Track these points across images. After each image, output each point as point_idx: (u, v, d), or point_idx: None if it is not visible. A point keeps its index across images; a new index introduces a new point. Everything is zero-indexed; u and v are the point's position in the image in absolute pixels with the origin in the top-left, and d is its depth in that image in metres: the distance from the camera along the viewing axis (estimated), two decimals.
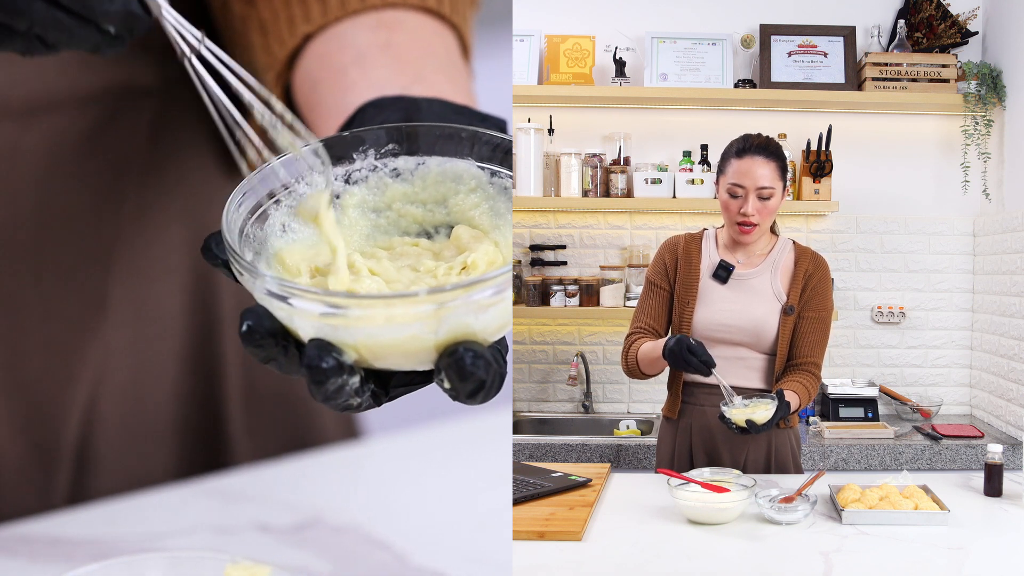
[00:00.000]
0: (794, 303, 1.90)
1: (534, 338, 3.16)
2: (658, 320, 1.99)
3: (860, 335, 3.13)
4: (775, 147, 1.92)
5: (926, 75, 2.95)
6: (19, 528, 1.25)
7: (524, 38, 3.06)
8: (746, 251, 1.95)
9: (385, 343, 0.71)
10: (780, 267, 1.94)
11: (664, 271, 1.99)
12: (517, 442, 2.67)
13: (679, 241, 2.00)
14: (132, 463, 1.33)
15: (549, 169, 3.06)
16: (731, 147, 1.93)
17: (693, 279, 1.95)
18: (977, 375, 3.07)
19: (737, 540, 1.48)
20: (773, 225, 1.98)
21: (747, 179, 1.87)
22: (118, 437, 1.33)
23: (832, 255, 3.10)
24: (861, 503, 1.56)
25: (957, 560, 1.38)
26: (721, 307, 1.92)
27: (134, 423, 1.32)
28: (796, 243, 1.98)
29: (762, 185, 1.86)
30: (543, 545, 1.45)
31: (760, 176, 1.86)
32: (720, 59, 3.05)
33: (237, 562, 1.06)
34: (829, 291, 1.95)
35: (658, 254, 2.03)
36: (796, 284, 1.91)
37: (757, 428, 1.74)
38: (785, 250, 1.96)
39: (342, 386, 0.71)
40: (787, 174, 1.92)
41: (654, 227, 3.11)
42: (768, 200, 1.87)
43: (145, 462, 1.34)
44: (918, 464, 2.61)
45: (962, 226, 3.10)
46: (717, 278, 1.94)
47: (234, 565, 1.06)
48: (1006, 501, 1.69)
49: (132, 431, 1.32)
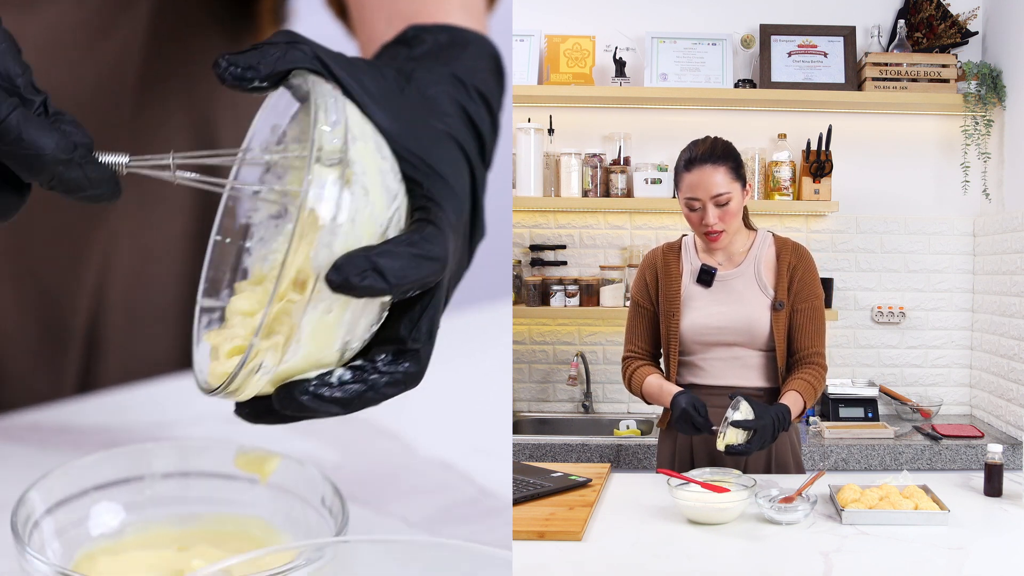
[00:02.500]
0: (783, 298, 1.91)
1: (534, 338, 3.16)
2: (649, 342, 2.02)
3: (860, 335, 3.13)
4: (722, 149, 1.90)
5: (926, 75, 2.95)
6: (28, 416, 1.24)
7: (524, 38, 3.06)
8: (725, 252, 1.95)
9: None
10: (763, 262, 1.94)
11: (646, 289, 2.01)
12: (517, 442, 2.67)
13: (657, 255, 2.01)
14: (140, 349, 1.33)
15: (549, 169, 3.06)
16: (680, 160, 1.93)
17: (675, 291, 1.95)
18: (977, 375, 3.07)
19: (737, 540, 1.48)
20: (748, 220, 1.98)
21: (700, 190, 1.87)
22: (126, 322, 1.32)
23: (832, 255, 3.11)
24: (861, 503, 1.56)
25: (957, 560, 1.38)
26: (710, 311, 1.93)
27: (141, 308, 1.32)
28: (775, 235, 1.98)
29: (716, 193, 1.86)
30: (543, 545, 1.45)
31: (712, 184, 1.86)
32: (720, 59, 3.05)
33: (246, 451, 1.05)
34: (816, 279, 1.95)
35: (639, 271, 2.04)
36: (781, 279, 1.92)
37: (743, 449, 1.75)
38: (765, 244, 1.96)
39: None
40: (742, 170, 1.90)
41: (654, 227, 3.11)
42: (727, 205, 1.87)
43: (153, 349, 1.34)
44: (918, 464, 2.61)
45: (962, 226, 3.10)
46: (702, 283, 1.94)
47: (243, 454, 1.05)
48: (1006, 501, 1.69)
49: (140, 316, 1.31)
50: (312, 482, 1.03)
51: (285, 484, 1.05)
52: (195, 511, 1.07)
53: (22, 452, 1.19)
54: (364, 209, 0.76)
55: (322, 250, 0.74)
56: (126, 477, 1.06)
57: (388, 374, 0.80)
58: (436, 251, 0.77)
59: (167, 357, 1.36)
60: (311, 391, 0.78)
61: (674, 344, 1.94)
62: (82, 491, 1.04)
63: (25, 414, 1.25)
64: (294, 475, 1.05)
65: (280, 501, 1.06)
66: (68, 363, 1.31)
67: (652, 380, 1.95)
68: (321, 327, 0.76)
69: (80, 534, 1.03)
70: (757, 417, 1.75)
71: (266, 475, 0.98)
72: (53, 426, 1.23)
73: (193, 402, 1.24)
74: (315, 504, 1.03)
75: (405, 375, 0.80)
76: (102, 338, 1.32)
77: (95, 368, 1.33)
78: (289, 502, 1.05)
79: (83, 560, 1.01)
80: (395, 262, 0.75)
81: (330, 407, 0.79)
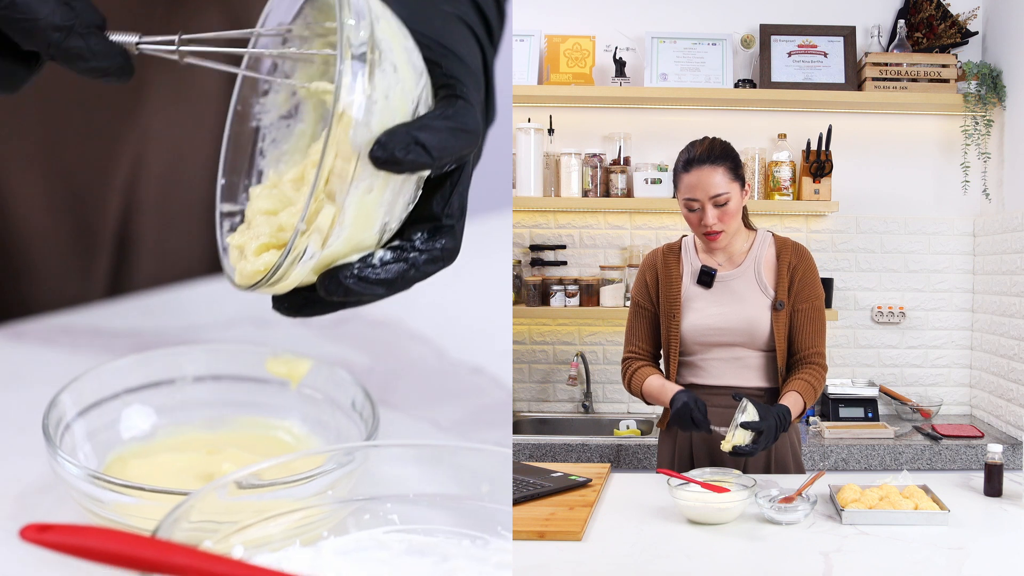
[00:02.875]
0: (783, 299, 1.91)
1: (534, 338, 3.16)
2: (649, 342, 2.01)
3: (860, 335, 3.13)
4: (720, 149, 1.90)
5: (926, 75, 2.95)
6: (60, 318, 1.24)
7: (524, 38, 3.06)
8: (725, 252, 1.95)
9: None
10: (763, 262, 1.94)
11: (646, 290, 2.00)
12: (517, 442, 2.67)
13: (657, 256, 2.01)
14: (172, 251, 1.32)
15: (549, 169, 3.06)
16: (678, 161, 1.92)
17: (675, 292, 1.95)
18: (977, 375, 3.07)
19: (737, 540, 1.48)
20: (748, 220, 1.98)
21: (699, 191, 1.87)
22: (157, 223, 1.31)
23: (832, 255, 3.11)
24: (861, 503, 1.56)
25: (957, 560, 1.38)
26: (710, 311, 1.92)
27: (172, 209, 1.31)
28: (775, 235, 1.98)
29: (715, 193, 1.86)
30: (543, 545, 1.44)
31: (711, 185, 1.86)
32: (720, 59, 3.05)
33: (277, 355, 1.05)
34: (816, 279, 1.95)
35: (639, 272, 2.04)
36: (782, 279, 1.91)
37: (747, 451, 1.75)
38: (765, 244, 1.96)
39: None
40: (741, 170, 1.90)
41: (654, 227, 3.11)
42: (726, 205, 1.87)
43: (185, 251, 1.33)
44: (918, 464, 2.61)
45: (962, 226, 3.10)
46: (702, 284, 1.94)
47: (274, 358, 1.05)
48: (1006, 501, 1.69)
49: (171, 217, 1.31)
50: (343, 386, 1.03)
51: (316, 388, 1.05)
52: (226, 415, 1.07)
53: (54, 355, 1.19)
54: (396, 86, 0.77)
55: (361, 129, 0.75)
56: (157, 380, 1.06)
57: (427, 251, 0.81)
58: (470, 123, 0.78)
59: (199, 259, 1.34)
60: (356, 274, 0.79)
61: (674, 345, 1.94)
62: (113, 394, 1.04)
63: (57, 316, 1.24)
64: (325, 379, 1.04)
65: (311, 405, 1.05)
66: (99, 264, 1.29)
67: (653, 380, 1.95)
68: (363, 208, 0.78)
69: (111, 437, 1.03)
70: (761, 418, 1.75)
71: (297, 379, 0.98)
72: (85, 329, 1.23)
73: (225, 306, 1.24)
74: (346, 408, 1.02)
75: (443, 251, 0.81)
76: (133, 239, 1.30)
77: (126, 270, 1.31)
78: (320, 406, 1.05)
79: (114, 463, 1.01)
80: (434, 136, 0.76)
81: (375, 289, 0.79)
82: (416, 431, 1.09)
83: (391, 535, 0.84)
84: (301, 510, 0.83)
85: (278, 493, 0.82)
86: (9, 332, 1.23)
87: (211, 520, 0.77)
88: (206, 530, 0.77)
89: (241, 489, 0.79)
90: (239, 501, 0.79)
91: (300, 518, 0.83)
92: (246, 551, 0.79)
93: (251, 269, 0.82)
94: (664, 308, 1.97)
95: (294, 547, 0.82)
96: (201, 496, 0.76)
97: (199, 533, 0.76)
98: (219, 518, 0.78)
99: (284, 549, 0.81)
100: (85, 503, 0.91)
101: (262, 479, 0.81)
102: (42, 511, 0.97)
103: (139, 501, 0.88)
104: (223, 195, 0.91)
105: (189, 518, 0.75)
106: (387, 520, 0.85)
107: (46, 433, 0.94)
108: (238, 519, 0.79)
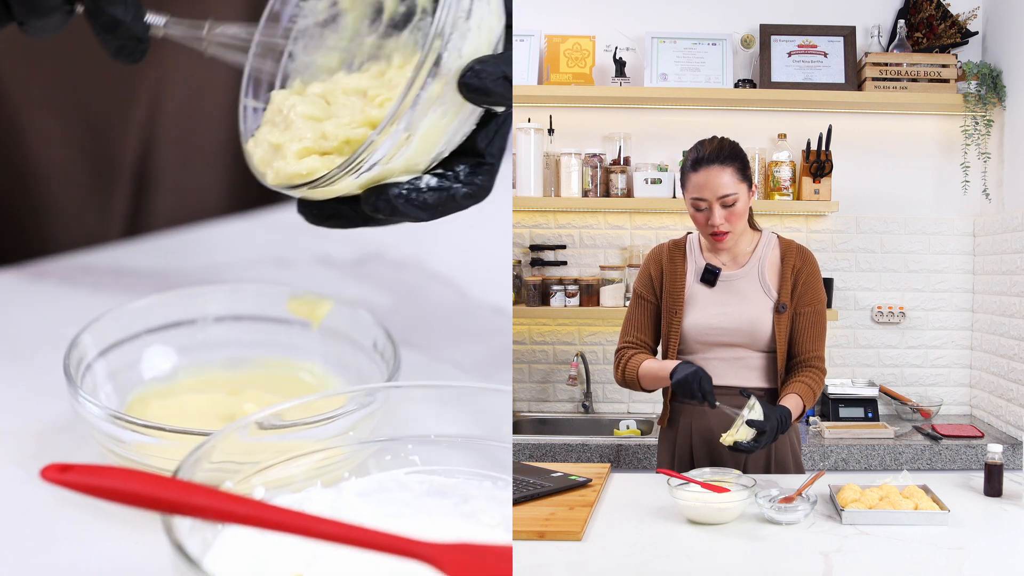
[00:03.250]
0: (786, 301, 1.90)
1: (534, 338, 3.16)
2: (647, 333, 1.99)
3: (860, 335, 3.13)
4: (729, 149, 1.89)
5: (926, 75, 2.95)
6: (81, 258, 1.24)
7: (524, 38, 3.06)
8: (729, 252, 1.95)
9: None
10: (767, 264, 1.94)
11: (650, 283, 1.99)
12: (517, 442, 2.67)
13: (663, 250, 2.00)
14: (191, 189, 1.32)
15: (549, 169, 3.06)
16: (686, 160, 1.92)
17: (679, 288, 1.95)
18: (977, 375, 3.07)
19: (737, 540, 1.48)
20: (753, 221, 1.98)
21: (707, 191, 1.86)
22: (176, 160, 1.31)
23: (832, 255, 3.10)
24: (861, 503, 1.56)
25: (957, 560, 1.38)
26: (713, 311, 1.92)
27: (191, 145, 1.31)
28: (780, 237, 1.98)
29: (723, 194, 1.85)
30: (543, 545, 1.44)
31: (719, 185, 1.85)
32: (720, 59, 3.05)
33: (298, 295, 1.05)
34: (819, 282, 1.95)
35: (644, 265, 2.03)
36: (785, 281, 1.91)
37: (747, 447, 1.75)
38: (770, 245, 1.96)
39: None
40: (749, 171, 1.90)
41: (654, 227, 3.10)
42: (733, 206, 1.86)
43: (205, 189, 1.32)
44: (918, 464, 2.61)
45: (962, 226, 3.10)
46: (705, 282, 1.94)
47: (295, 298, 1.05)
48: (1006, 501, 1.69)
49: (189, 154, 1.30)
50: (364, 327, 1.02)
51: (337, 328, 1.05)
52: (247, 355, 1.07)
53: (75, 294, 1.19)
54: (487, 17, 0.80)
55: (453, 54, 0.76)
56: (178, 320, 1.06)
57: (466, 184, 0.83)
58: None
59: (219, 198, 1.33)
60: (403, 193, 0.81)
61: (674, 341, 1.94)
62: (134, 334, 1.04)
63: (78, 256, 1.24)
64: (346, 319, 1.04)
65: (332, 345, 1.05)
66: (117, 201, 1.28)
67: (649, 362, 1.92)
68: (432, 131, 0.80)
69: (132, 377, 1.03)
70: (766, 418, 1.75)
71: (318, 319, 0.98)
72: (106, 268, 1.23)
73: (246, 246, 1.24)
74: (367, 349, 1.02)
75: (479, 187, 0.84)
76: (152, 176, 1.30)
77: (145, 207, 1.31)
78: (341, 347, 1.05)
79: (135, 403, 1.01)
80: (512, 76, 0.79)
81: (418, 212, 0.82)
82: (438, 372, 1.09)
83: (412, 476, 0.84)
84: (322, 451, 0.83)
85: (299, 434, 0.82)
86: (30, 272, 1.22)
87: (232, 461, 0.77)
88: (227, 471, 0.77)
89: (262, 430, 0.80)
90: (260, 442, 0.80)
91: (321, 459, 0.83)
92: (267, 492, 0.79)
93: (291, 171, 0.83)
94: (667, 304, 1.96)
95: (315, 488, 0.82)
96: (222, 436, 0.76)
97: (220, 474, 0.76)
98: (240, 459, 0.78)
99: (305, 490, 0.81)
100: (106, 443, 0.91)
101: (283, 419, 0.81)
102: (63, 451, 0.97)
103: (160, 441, 0.88)
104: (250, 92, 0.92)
105: (210, 458, 0.75)
106: (408, 461, 0.85)
107: (67, 373, 0.94)
108: (259, 460, 0.79)
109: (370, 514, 0.77)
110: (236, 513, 0.66)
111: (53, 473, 0.63)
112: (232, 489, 0.76)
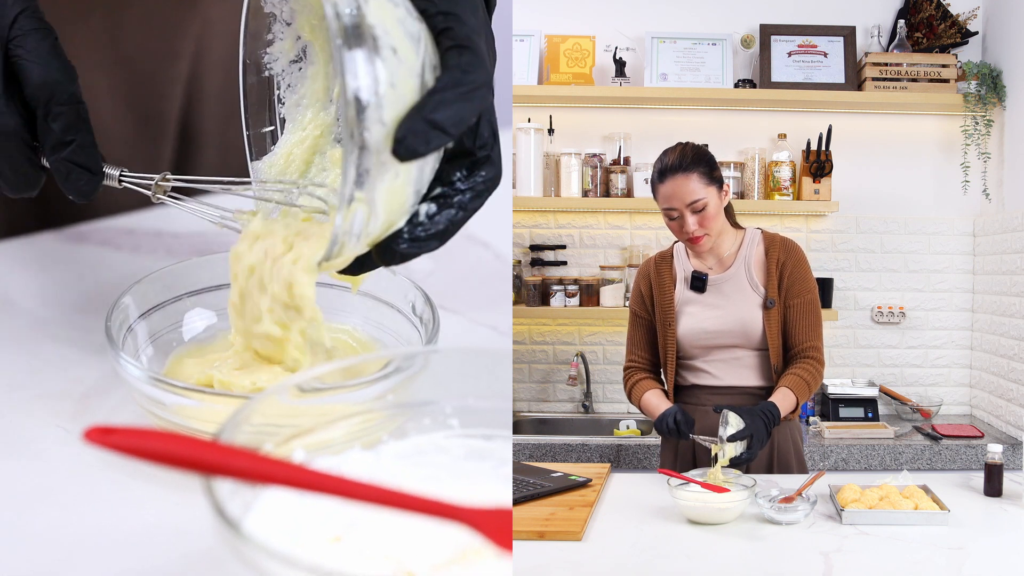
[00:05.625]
0: (773, 296, 1.91)
1: (534, 338, 3.16)
2: (648, 351, 2.03)
3: (860, 335, 3.13)
4: (692, 155, 1.89)
5: (926, 75, 2.95)
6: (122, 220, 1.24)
7: (524, 38, 3.06)
8: (715, 255, 1.96)
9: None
10: (753, 261, 1.94)
11: (642, 299, 2.02)
12: (517, 442, 2.67)
13: (650, 265, 2.03)
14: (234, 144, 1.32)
15: (549, 169, 3.06)
16: (653, 172, 1.93)
17: (668, 299, 1.96)
18: (977, 375, 3.07)
19: (737, 540, 1.48)
20: (733, 218, 1.98)
21: (675, 200, 1.87)
22: (221, 113, 1.30)
23: (832, 255, 3.11)
24: (861, 503, 1.56)
25: (957, 560, 1.38)
26: (704, 315, 1.93)
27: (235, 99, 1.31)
28: (764, 232, 1.98)
29: (691, 200, 1.86)
30: (543, 545, 1.44)
31: (687, 192, 1.86)
32: (720, 59, 3.05)
33: None
34: (807, 273, 1.95)
35: (635, 282, 2.06)
36: (771, 277, 1.92)
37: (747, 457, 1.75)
38: (754, 243, 1.96)
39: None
40: (716, 172, 1.90)
41: (654, 227, 3.11)
42: (704, 210, 1.87)
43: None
44: (918, 464, 2.61)
45: (962, 226, 3.10)
46: (695, 288, 1.95)
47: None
48: (1006, 501, 1.69)
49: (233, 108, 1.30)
50: (403, 291, 1.02)
51: (376, 293, 1.04)
52: None
53: (116, 257, 1.19)
54: (399, 69, 0.76)
55: (375, 127, 0.74)
56: (220, 283, 1.05)
57: (470, 188, 0.82)
58: (479, 77, 0.77)
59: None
60: (407, 238, 0.80)
61: (671, 351, 1.95)
62: (176, 296, 1.04)
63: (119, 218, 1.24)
64: (385, 283, 1.04)
65: (371, 309, 1.05)
66: (163, 154, 1.28)
67: (650, 396, 1.96)
68: (392, 191, 0.78)
69: (173, 339, 1.03)
70: (747, 423, 1.75)
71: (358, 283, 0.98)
72: (148, 231, 1.22)
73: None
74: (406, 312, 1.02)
75: (485, 183, 0.82)
76: (198, 129, 1.29)
77: (191, 162, 1.31)
78: (380, 310, 1.04)
79: (174, 364, 1.01)
80: (449, 110, 0.75)
81: (430, 244, 0.81)
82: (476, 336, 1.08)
83: (451, 440, 0.84)
84: (361, 414, 0.83)
85: (339, 397, 0.82)
86: (71, 233, 1.22)
87: (272, 424, 0.77)
88: (267, 433, 0.77)
89: (302, 393, 0.79)
90: (300, 405, 0.79)
91: (360, 422, 0.83)
92: (307, 455, 0.79)
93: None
94: (659, 315, 1.98)
95: (354, 451, 0.81)
96: (263, 400, 0.76)
97: (260, 436, 0.76)
98: (280, 422, 0.78)
99: (344, 453, 0.81)
100: (147, 405, 0.91)
101: (323, 383, 0.81)
102: (104, 412, 0.97)
103: (201, 404, 0.88)
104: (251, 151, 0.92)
105: (251, 421, 0.75)
106: (447, 425, 0.84)
107: (109, 335, 0.93)
108: (299, 423, 0.79)
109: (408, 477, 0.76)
110: (276, 476, 0.67)
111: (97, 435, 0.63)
112: (272, 452, 0.76)
